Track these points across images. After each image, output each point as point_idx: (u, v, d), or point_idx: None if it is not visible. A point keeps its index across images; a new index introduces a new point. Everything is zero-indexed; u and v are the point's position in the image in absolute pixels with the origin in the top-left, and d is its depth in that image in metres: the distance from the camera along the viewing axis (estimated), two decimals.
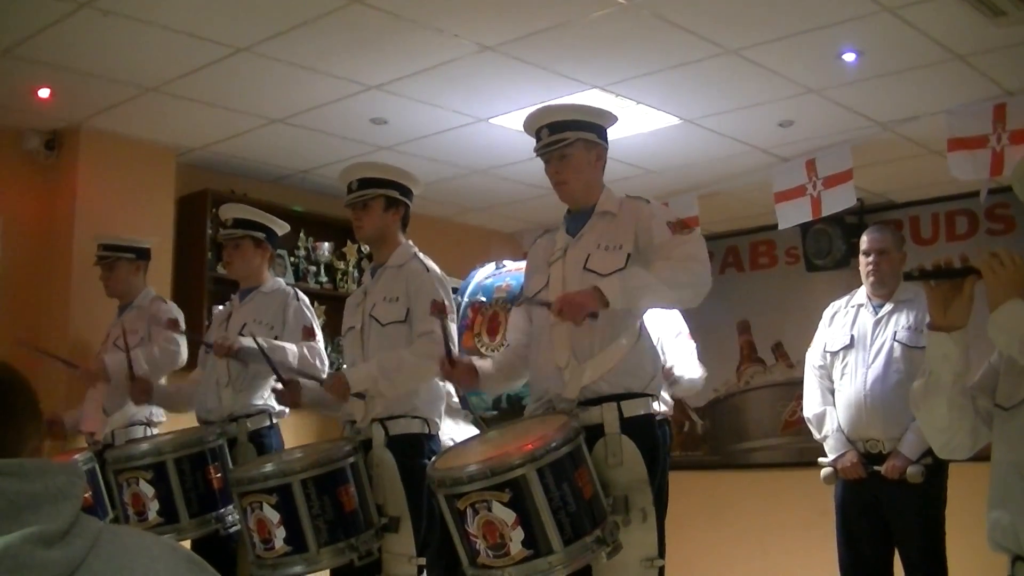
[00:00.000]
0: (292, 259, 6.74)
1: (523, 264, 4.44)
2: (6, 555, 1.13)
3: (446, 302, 3.88)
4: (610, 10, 4.38)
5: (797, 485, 6.69)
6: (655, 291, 3.22)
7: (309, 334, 4.59)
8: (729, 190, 6.83)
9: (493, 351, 4.46)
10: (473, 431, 4.51)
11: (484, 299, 4.43)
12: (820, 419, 4.64)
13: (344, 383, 3.88)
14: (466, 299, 4.66)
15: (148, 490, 4.18)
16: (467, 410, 4.58)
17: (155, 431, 4.96)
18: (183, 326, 5.07)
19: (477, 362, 3.62)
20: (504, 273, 4.74)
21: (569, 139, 3.43)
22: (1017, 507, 2.30)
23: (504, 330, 4.31)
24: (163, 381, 5.01)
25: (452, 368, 3.51)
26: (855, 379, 4.55)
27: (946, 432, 2.47)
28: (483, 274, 4.73)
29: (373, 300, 4.04)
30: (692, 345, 4.93)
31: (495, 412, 4.46)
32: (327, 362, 4.61)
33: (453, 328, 3.98)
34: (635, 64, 4.97)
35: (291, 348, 4.42)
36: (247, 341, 4.36)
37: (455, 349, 3.70)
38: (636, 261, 3.33)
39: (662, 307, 4.06)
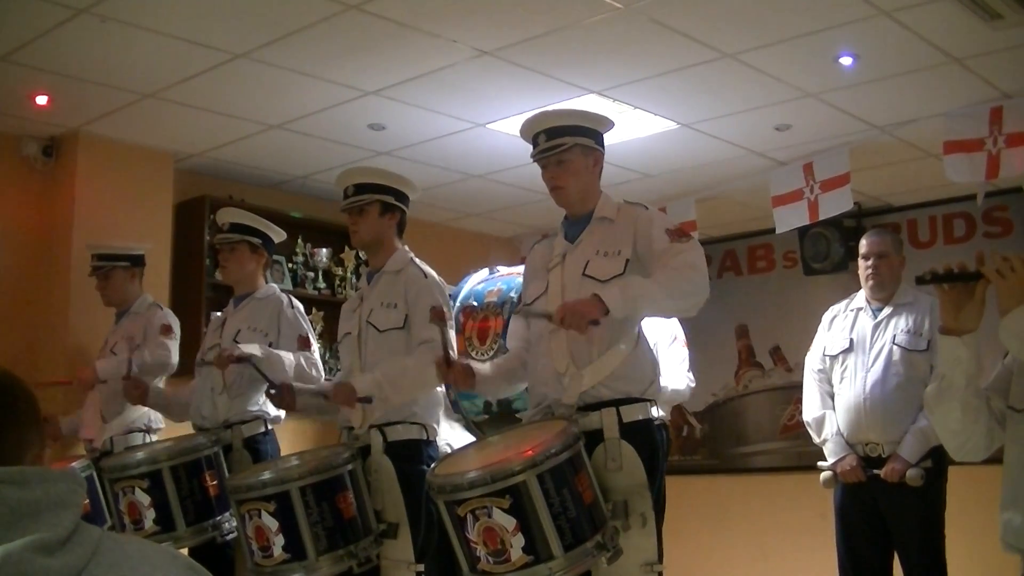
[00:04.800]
0: (290, 265, 6.74)
1: (517, 269, 4.45)
2: (7, 563, 1.13)
3: (445, 308, 3.87)
4: (607, 15, 4.38)
5: (796, 489, 6.70)
6: (655, 300, 3.22)
7: (304, 344, 4.55)
8: (726, 194, 6.83)
9: (483, 356, 4.47)
10: (467, 436, 4.51)
11: (476, 304, 4.44)
12: (820, 423, 4.64)
13: (350, 389, 3.84)
14: (458, 304, 4.67)
15: (144, 499, 4.16)
16: (459, 414, 4.58)
17: (154, 438, 4.95)
18: (177, 331, 5.07)
19: (475, 365, 3.61)
20: (496, 278, 4.73)
21: (566, 144, 3.42)
22: None
23: (493, 335, 4.31)
24: (161, 383, 4.99)
25: (448, 369, 3.51)
26: (854, 383, 4.54)
27: (961, 435, 2.46)
28: (476, 280, 4.74)
29: (370, 306, 4.03)
30: (685, 353, 4.91)
31: (486, 416, 4.47)
32: (323, 372, 4.59)
33: (452, 335, 3.97)
34: (632, 69, 4.97)
35: (287, 357, 4.40)
36: (246, 348, 4.34)
37: (453, 354, 3.69)
38: (635, 267, 3.33)
39: (661, 316, 4.07)
